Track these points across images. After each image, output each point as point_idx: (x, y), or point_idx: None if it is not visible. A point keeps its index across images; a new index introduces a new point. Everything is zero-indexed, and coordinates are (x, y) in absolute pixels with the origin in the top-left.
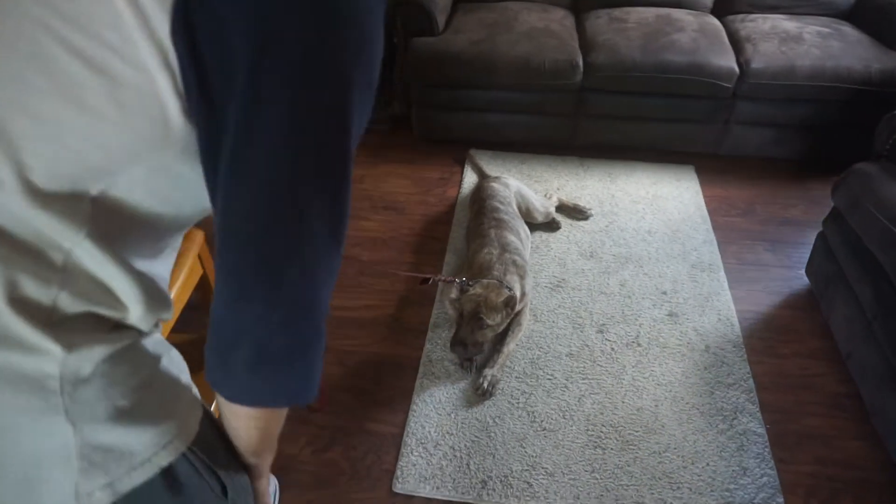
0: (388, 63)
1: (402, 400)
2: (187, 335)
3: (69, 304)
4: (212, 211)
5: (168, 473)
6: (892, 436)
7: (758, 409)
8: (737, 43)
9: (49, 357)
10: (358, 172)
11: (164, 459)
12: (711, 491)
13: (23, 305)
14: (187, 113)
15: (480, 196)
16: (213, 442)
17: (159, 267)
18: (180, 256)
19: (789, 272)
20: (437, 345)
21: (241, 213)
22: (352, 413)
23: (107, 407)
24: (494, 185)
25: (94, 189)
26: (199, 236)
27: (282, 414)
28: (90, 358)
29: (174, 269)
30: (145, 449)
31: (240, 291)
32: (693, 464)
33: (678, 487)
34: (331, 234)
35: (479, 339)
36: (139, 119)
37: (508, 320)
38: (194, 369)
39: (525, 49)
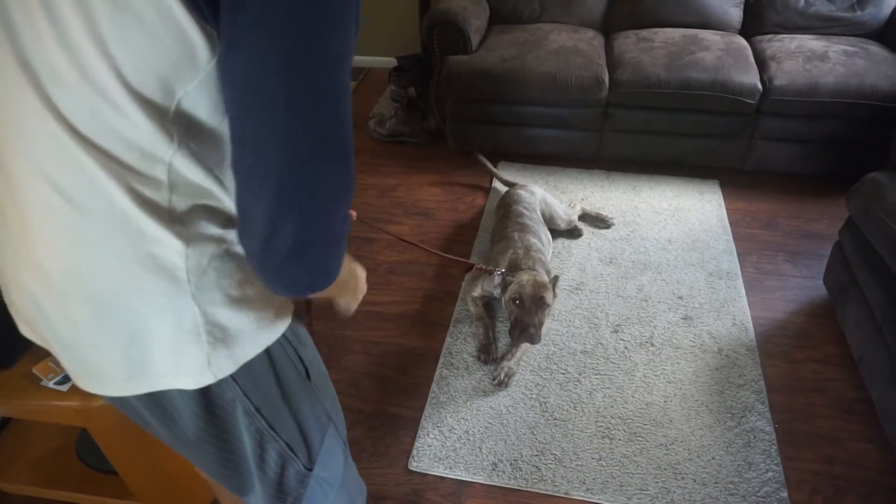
0: (425, 81)
1: (421, 387)
2: None
3: (180, 202)
4: None
5: (267, 353)
6: None
7: (767, 409)
8: (762, 61)
9: (175, 250)
10: (392, 181)
11: (268, 340)
12: (716, 483)
13: (148, 205)
14: (210, 39)
15: (507, 201)
16: (300, 337)
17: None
18: None
19: (808, 282)
20: (457, 338)
21: (268, 143)
22: (375, 397)
23: (222, 294)
24: (521, 192)
25: (171, 101)
26: None
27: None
28: (205, 252)
29: None
30: (252, 330)
31: (278, 207)
32: (699, 456)
33: (682, 478)
34: (344, 152)
35: (543, 319)
36: (169, 44)
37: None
38: None
39: (553, 66)
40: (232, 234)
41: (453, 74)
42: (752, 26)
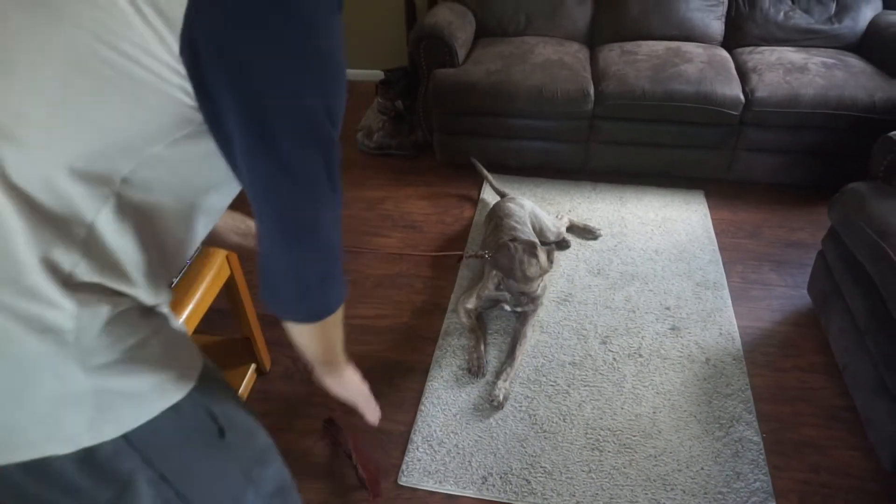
0: (412, 93)
1: (411, 401)
2: (213, 337)
3: (85, 272)
4: (221, 195)
5: (172, 415)
6: (883, 445)
7: (755, 418)
8: (743, 73)
9: (65, 312)
10: (380, 194)
11: (167, 402)
12: (704, 493)
13: (50, 266)
14: (196, 107)
15: (497, 214)
16: (214, 392)
17: (180, 249)
18: (208, 257)
19: (792, 291)
20: (446, 351)
21: (266, 193)
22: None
23: (112, 357)
24: (510, 204)
25: (126, 168)
26: None
27: (335, 327)
28: (98, 315)
29: (201, 268)
30: (148, 393)
31: (276, 245)
32: (688, 467)
33: (672, 489)
34: (332, 190)
35: (525, 270)
36: (156, 109)
37: (542, 281)
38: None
39: (539, 79)
40: (134, 290)
41: (440, 87)
42: (734, 39)
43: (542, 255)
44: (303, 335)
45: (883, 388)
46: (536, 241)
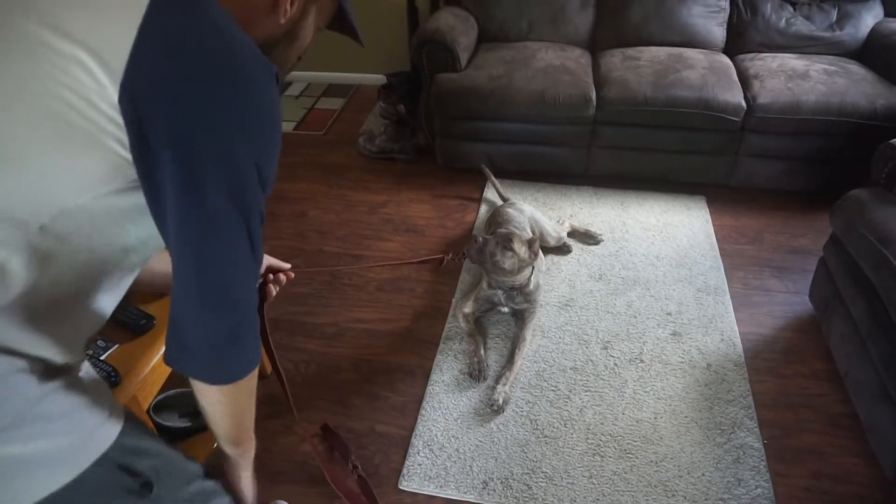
0: (414, 98)
1: (411, 405)
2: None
3: None
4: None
5: (84, 482)
6: (885, 452)
7: (756, 424)
8: (745, 80)
9: None
10: (381, 198)
11: (71, 470)
12: (706, 499)
13: None
14: (129, 160)
15: (497, 220)
16: (135, 447)
17: (94, 305)
18: None
19: (794, 297)
20: (447, 356)
21: (188, 246)
22: (364, 416)
23: (6, 422)
24: (510, 210)
25: (46, 216)
26: None
27: (247, 397)
28: None
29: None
30: (49, 461)
31: (191, 300)
32: (689, 473)
33: (673, 495)
34: (252, 252)
35: (499, 260)
36: (89, 159)
37: (530, 270)
38: None
39: (541, 84)
40: (37, 348)
41: (442, 92)
42: (736, 45)
43: (521, 247)
44: (212, 402)
45: (885, 395)
46: (516, 232)
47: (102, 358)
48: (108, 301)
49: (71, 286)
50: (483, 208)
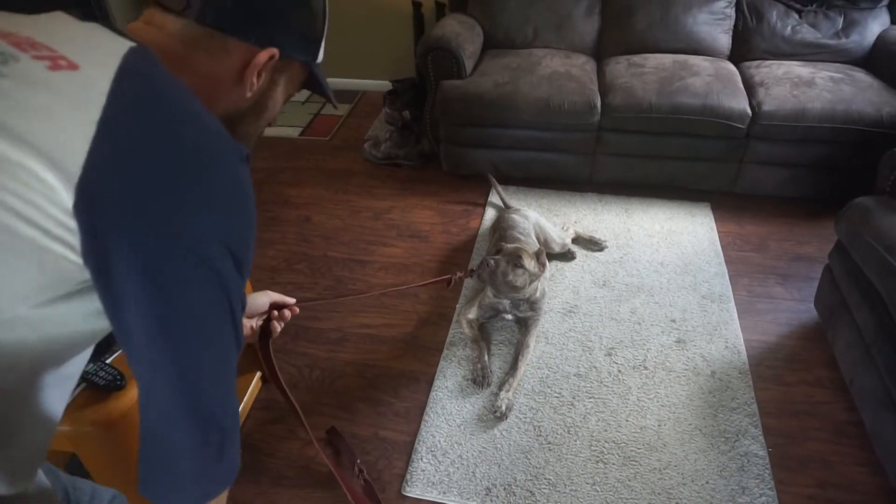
0: (419, 104)
1: (415, 411)
2: None
3: None
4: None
5: None
6: (890, 460)
7: (760, 432)
8: (750, 87)
9: None
10: (386, 204)
11: None
12: None
13: None
14: (79, 265)
15: (502, 226)
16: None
17: (33, 428)
18: None
19: (799, 305)
20: (451, 362)
21: (167, 370)
22: (368, 421)
23: None
24: (515, 216)
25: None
26: None
27: None
28: None
29: None
30: None
31: (171, 424)
32: (693, 481)
33: (676, 503)
34: (237, 353)
35: (511, 279)
36: (32, 266)
37: (537, 281)
38: None
39: (546, 91)
40: None
41: (447, 99)
42: (741, 52)
43: (530, 262)
44: None
45: (891, 403)
46: (526, 248)
47: (108, 361)
48: (44, 424)
49: (13, 396)
50: (488, 215)
